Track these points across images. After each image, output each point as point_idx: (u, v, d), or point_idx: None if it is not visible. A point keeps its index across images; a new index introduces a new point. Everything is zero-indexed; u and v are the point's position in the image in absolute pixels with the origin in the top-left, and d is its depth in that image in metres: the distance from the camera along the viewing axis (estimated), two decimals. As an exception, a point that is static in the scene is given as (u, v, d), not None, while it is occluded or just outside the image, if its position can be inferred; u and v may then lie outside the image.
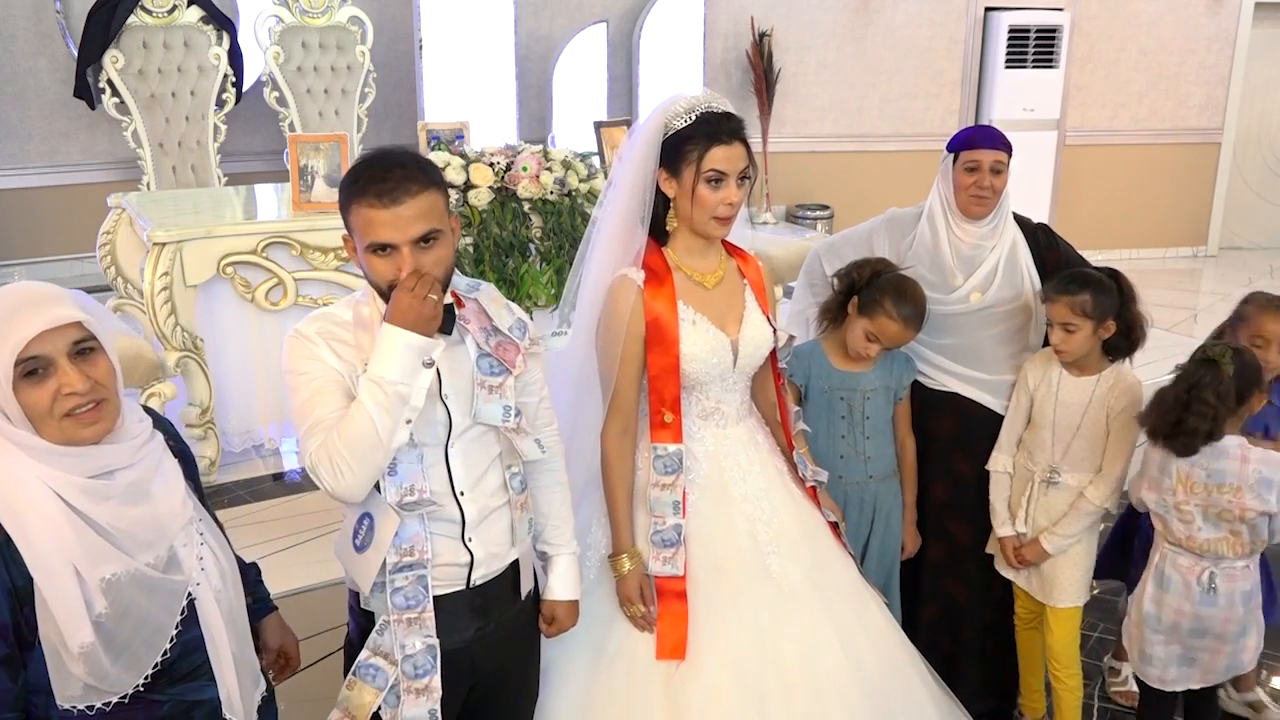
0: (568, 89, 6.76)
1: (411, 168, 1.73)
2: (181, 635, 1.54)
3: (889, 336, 2.56)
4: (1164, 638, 2.45)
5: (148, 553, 1.51)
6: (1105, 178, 8.10)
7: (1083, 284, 2.47)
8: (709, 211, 2.10)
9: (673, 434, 2.17)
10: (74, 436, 1.47)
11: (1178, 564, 2.41)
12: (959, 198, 2.66)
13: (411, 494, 1.77)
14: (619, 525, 2.18)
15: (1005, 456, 2.69)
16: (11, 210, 5.93)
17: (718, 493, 2.24)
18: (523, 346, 1.89)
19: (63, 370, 1.45)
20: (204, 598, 1.58)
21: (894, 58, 7.68)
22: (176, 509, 1.57)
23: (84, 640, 1.44)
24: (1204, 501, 2.35)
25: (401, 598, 1.80)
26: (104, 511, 1.47)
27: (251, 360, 4.24)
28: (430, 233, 1.72)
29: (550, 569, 2.04)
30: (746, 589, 2.19)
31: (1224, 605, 2.39)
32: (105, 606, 1.45)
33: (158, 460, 1.59)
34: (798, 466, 2.38)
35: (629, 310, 2.13)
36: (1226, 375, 2.27)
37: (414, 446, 1.78)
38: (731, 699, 2.09)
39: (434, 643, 1.82)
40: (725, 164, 2.07)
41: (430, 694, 1.83)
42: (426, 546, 1.79)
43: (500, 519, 1.88)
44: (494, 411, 1.83)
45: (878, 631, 2.33)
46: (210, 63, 5.85)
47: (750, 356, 2.24)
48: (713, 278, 2.21)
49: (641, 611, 2.15)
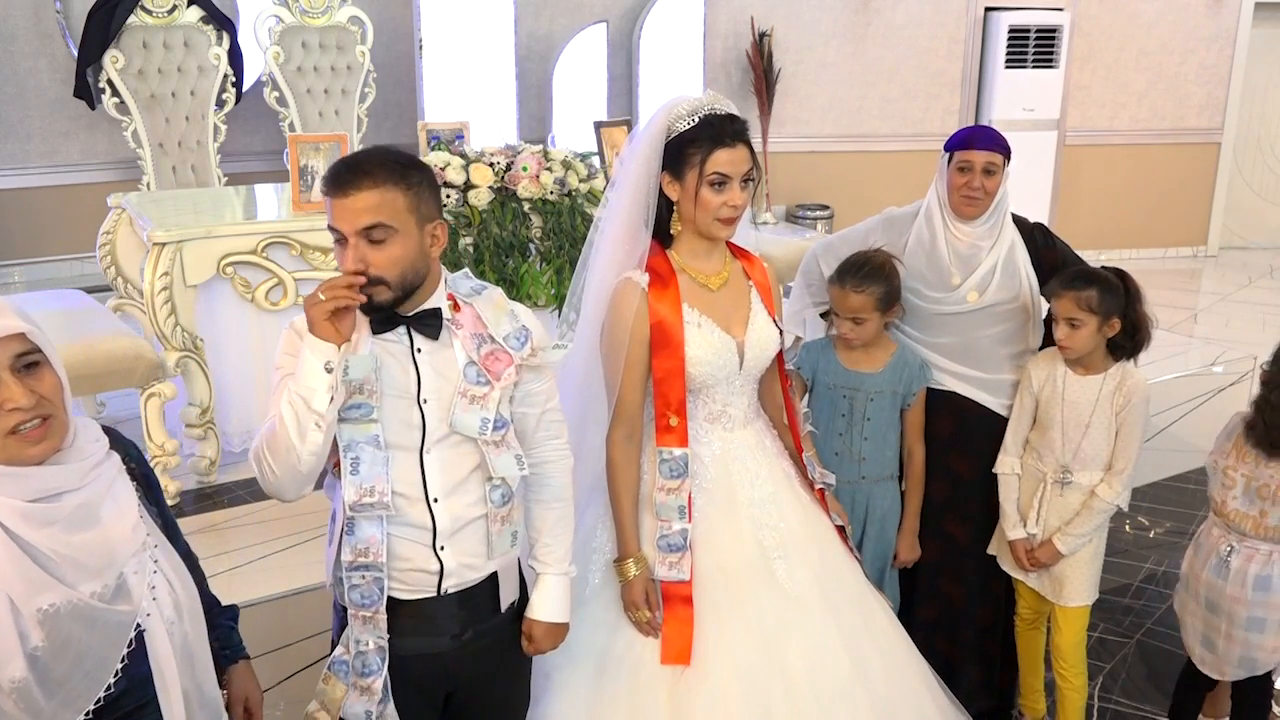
0: (568, 89, 6.76)
1: (376, 164, 1.72)
2: (129, 669, 1.45)
3: (842, 306, 2.58)
4: (1192, 604, 2.59)
5: (94, 581, 1.42)
6: (1105, 178, 8.10)
7: (1090, 280, 2.49)
8: (712, 214, 2.10)
9: (678, 438, 2.15)
10: (18, 455, 1.38)
11: (1210, 532, 2.55)
12: (951, 198, 2.66)
13: (371, 495, 1.75)
14: (624, 530, 2.17)
15: (1012, 458, 2.69)
16: (11, 210, 5.93)
17: (725, 497, 2.23)
18: (518, 358, 1.85)
19: (4, 384, 1.36)
20: (154, 630, 1.49)
21: (894, 58, 7.68)
22: (127, 535, 1.48)
23: (14, 675, 1.36)
24: (1250, 472, 2.44)
25: (358, 595, 1.80)
26: (45, 537, 1.38)
27: (251, 360, 4.23)
28: (379, 226, 1.70)
29: (536, 586, 1.99)
30: (753, 595, 2.18)
31: (1233, 581, 2.45)
32: (41, 639, 1.37)
33: (110, 482, 1.49)
34: (807, 469, 2.38)
35: (633, 313, 2.12)
36: None
37: (382, 448, 1.76)
38: (736, 705, 2.08)
39: (384, 644, 1.81)
40: (729, 166, 2.06)
41: (371, 695, 1.81)
42: (381, 550, 1.77)
43: (475, 530, 1.84)
44: (471, 422, 1.80)
45: (884, 637, 2.32)
46: (210, 63, 5.85)
47: (756, 358, 2.23)
48: (717, 279, 2.21)
49: (647, 617, 2.13)
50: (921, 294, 2.72)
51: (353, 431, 1.77)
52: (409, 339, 1.81)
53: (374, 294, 1.73)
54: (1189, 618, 2.60)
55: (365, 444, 1.76)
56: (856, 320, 2.58)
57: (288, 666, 2.87)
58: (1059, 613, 2.68)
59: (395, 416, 1.78)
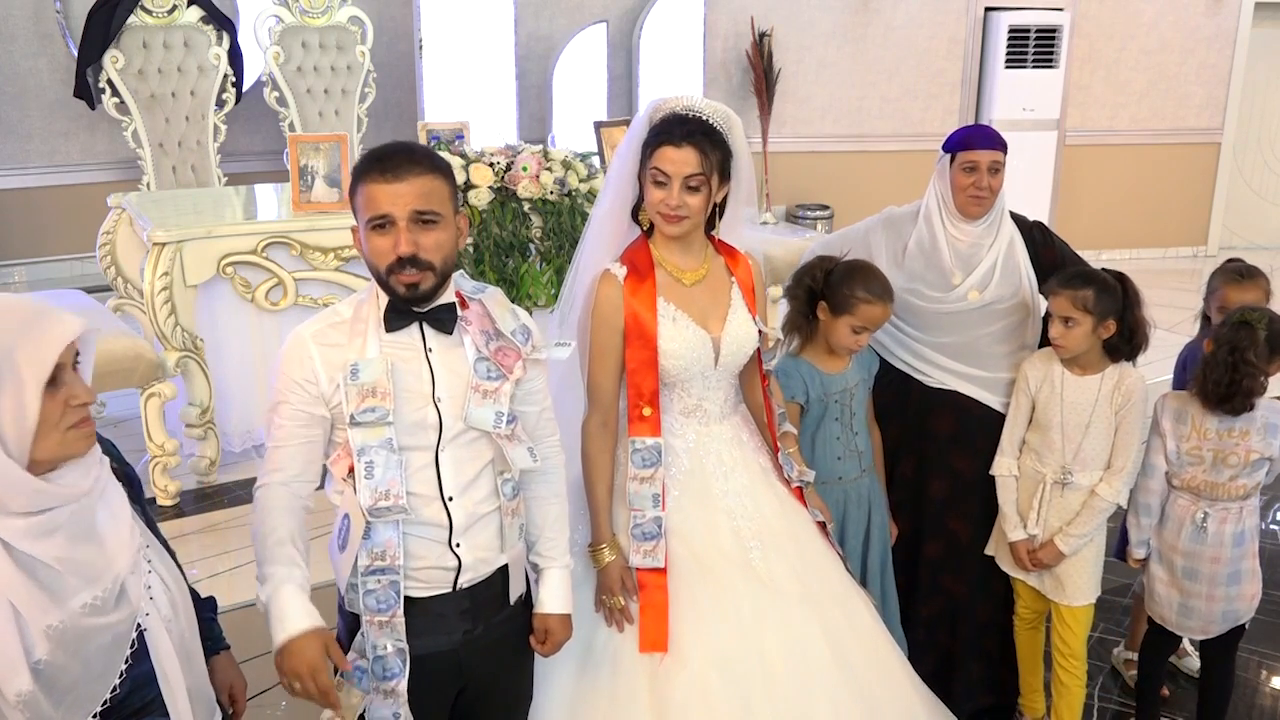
0: (568, 89, 6.76)
1: (419, 153, 1.77)
2: (131, 670, 1.45)
3: (875, 320, 2.55)
4: (1165, 576, 2.64)
5: (95, 586, 1.42)
6: (1105, 178, 8.10)
7: (1087, 280, 2.52)
8: (653, 209, 2.15)
9: (650, 428, 2.18)
10: (71, 450, 1.40)
11: (1177, 504, 2.61)
12: (957, 198, 2.67)
13: (386, 499, 1.75)
14: (598, 515, 2.20)
15: (1009, 460, 2.70)
16: (11, 210, 5.93)
17: (699, 489, 2.25)
18: (524, 352, 1.88)
19: (72, 381, 1.39)
20: (154, 629, 1.49)
21: (894, 58, 7.68)
22: (125, 539, 1.48)
23: (20, 688, 1.35)
24: (1215, 446, 2.52)
25: (373, 600, 1.80)
26: (48, 548, 1.38)
27: (251, 360, 4.23)
28: (430, 212, 1.73)
29: (541, 581, 2.01)
30: (730, 584, 2.19)
31: (1211, 544, 2.55)
32: (47, 652, 1.37)
33: (103, 487, 1.49)
34: (783, 467, 2.38)
35: (608, 304, 2.17)
36: (1260, 337, 2.42)
37: (395, 451, 1.76)
38: (716, 693, 2.10)
39: (403, 646, 1.81)
40: (669, 165, 2.10)
41: (396, 697, 1.81)
42: (399, 552, 1.78)
43: (489, 524, 1.86)
44: (485, 416, 1.81)
45: (865, 629, 2.32)
46: (210, 63, 5.85)
47: (733, 355, 2.25)
48: (692, 275, 2.23)
49: (620, 604, 2.15)
50: (922, 294, 2.72)
51: (366, 436, 1.76)
52: (421, 337, 1.82)
53: (420, 280, 1.75)
54: (1161, 588, 2.66)
55: (379, 448, 1.76)
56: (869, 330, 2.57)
57: (288, 666, 2.85)
58: (1065, 612, 2.68)
59: (410, 418, 1.79)
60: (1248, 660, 3.20)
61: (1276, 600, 3.55)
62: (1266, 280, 2.82)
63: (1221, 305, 2.79)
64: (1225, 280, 2.82)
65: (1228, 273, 2.84)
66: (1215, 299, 2.83)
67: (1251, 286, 2.79)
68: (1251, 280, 2.80)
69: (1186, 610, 2.62)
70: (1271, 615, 3.46)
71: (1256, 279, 2.81)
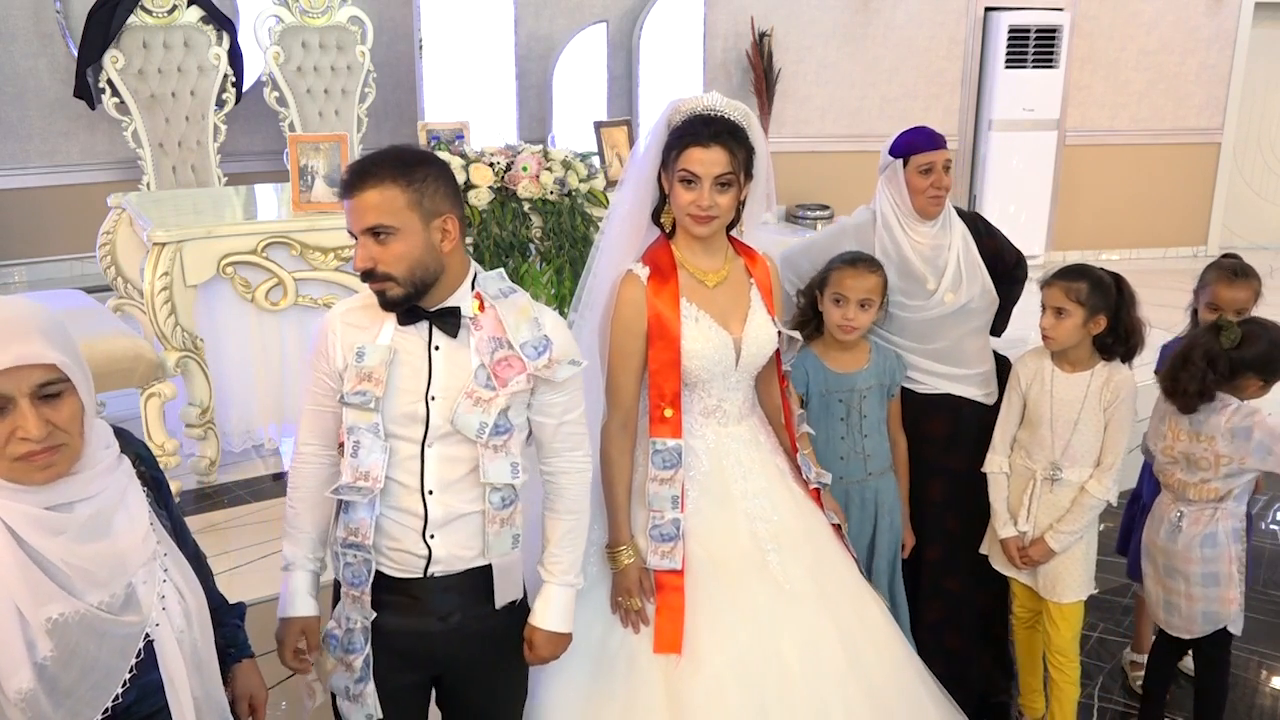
0: (568, 89, 6.76)
1: (379, 164, 1.77)
2: (138, 678, 1.45)
3: (848, 287, 2.58)
4: (1152, 573, 2.68)
5: (102, 591, 1.41)
6: (1105, 178, 8.10)
7: (1081, 274, 2.56)
8: (682, 211, 2.15)
9: (672, 429, 2.18)
10: (23, 478, 1.36)
11: (1161, 501, 2.65)
12: (916, 200, 2.70)
13: (365, 479, 1.82)
14: (617, 516, 2.19)
15: (1000, 457, 2.71)
16: (11, 210, 5.93)
17: (719, 490, 2.24)
18: (531, 367, 1.85)
19: (20, 412, 1.33)
20: (164, 639, 1.49)
21: (894, 58, 7.68)
22: (138, 545, 1.47)
23: (21, 686, 1.35)
24: (1185, 448, 2.53)
25: (350, 573, 1.88)
26: (55, 546, 1.37)
27: (251, 360, 4.23)
28: (381, 226, 1.75)
29: (539, 595, 2.00)
30: (747, 586, 2.19)
31: (1183, 545, 2.56)
32: (49, 649, 1.36)
33: (122, 490, 1.48)
34: (801, 468, 2.38)
35: (631, 305, 2.16)
36: (1223, 344, 2.42)
37: (381, 436, 1.81)
38: (732, 695, 2.10)
39: (368, 625, 1.87)
40: (698, 166, 2.10)
41: (351, 671, 1.88)
42: (370, 533, 1.84)
43: (469, 524, 1.86)
44: (470, 423, 1.82)
45: (879, 631, 2.33)
46: (210, 63, 5.85)
47: (753, 356, 2.25)
48: (714, 276, 2.23)
49: (638, 606, 2.14)
50: (904, 305, 2.74)
51: (356, 416, 1.84)
52: (429, 334, 1.85)
53: (385, 289, 1.79)
54: (1152, 585, 2.67)
55: (366, 430, 1.83)
56: (865, 304, 2.58)
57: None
58: (1054, 610, 2.69)
59: (402, 409, 1.83)
60: (1247, 660, 3.21)
61: (1277, 600, 3.56)
62: (1259, 281, 2.83)
63: (1211, 301, 2.80)
64: (1218, 276, 2.83)
65: (1221, 269, 2.84)
66: (1206, 294, 2.84)
67: (1243, 286, 2.79)
68: (1244, 280, 2.81)
69: (1170, 607, 2.63)
70: (1272, 615, 3.47)
71: (1249, 279, 2.82)
